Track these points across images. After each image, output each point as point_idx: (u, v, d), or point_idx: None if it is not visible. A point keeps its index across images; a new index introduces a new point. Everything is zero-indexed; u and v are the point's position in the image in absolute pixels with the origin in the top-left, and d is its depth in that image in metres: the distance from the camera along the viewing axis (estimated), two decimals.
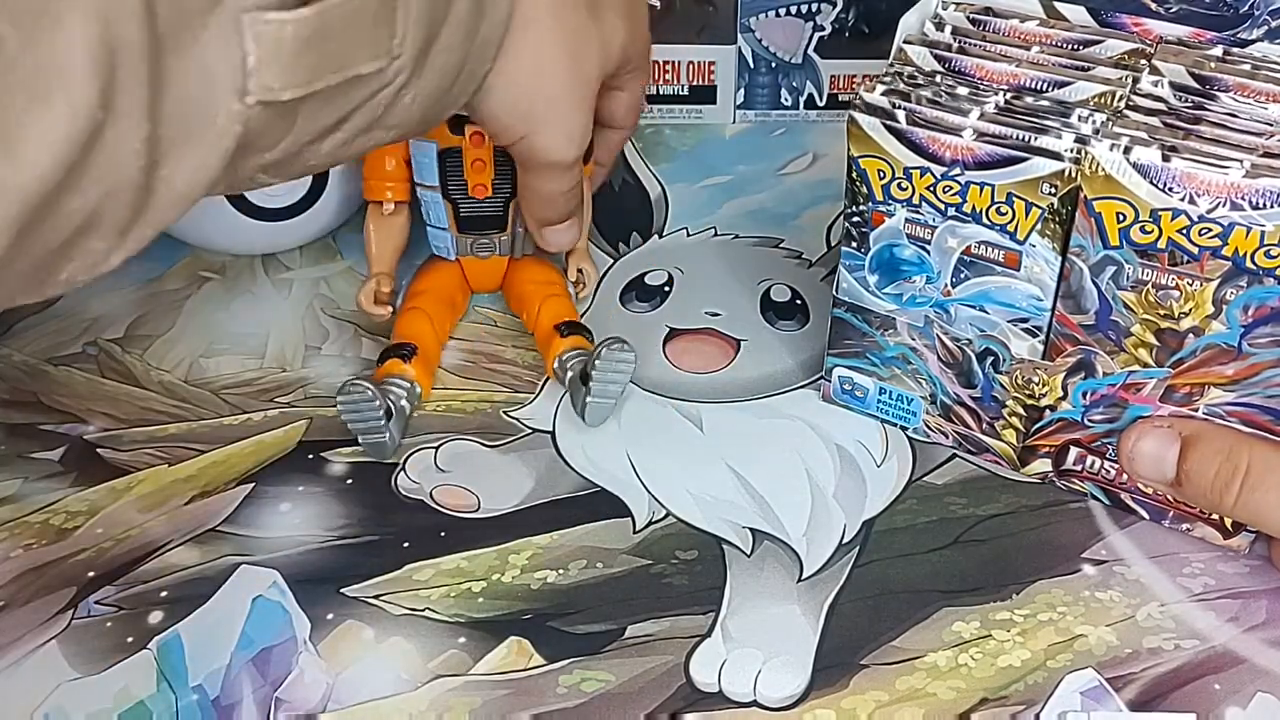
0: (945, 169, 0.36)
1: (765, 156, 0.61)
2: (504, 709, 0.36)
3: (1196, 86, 0.36)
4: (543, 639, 0.38)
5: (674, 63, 0.62)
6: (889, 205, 0.38)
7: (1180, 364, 0.36)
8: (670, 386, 0.47)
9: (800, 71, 0.62)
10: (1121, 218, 0.34)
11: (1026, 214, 0.36)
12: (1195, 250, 0.34)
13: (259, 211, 0.51)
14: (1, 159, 0.23)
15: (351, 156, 0.35)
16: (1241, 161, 0.32)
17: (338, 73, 0.30)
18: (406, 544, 0.41)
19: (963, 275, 0.39)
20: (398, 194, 0.48)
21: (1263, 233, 0.32)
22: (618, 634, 0.38)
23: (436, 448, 0.45)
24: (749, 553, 0.41)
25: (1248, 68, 0.36)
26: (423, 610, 0.39)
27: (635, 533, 0.42)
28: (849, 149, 0.38)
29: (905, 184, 0.38)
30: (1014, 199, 0.36)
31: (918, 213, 0.38)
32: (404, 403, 0.45)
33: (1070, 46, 0.38)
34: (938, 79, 0.38)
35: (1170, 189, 0.33)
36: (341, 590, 0.40)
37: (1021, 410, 0.41)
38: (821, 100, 0.63)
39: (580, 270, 0.50)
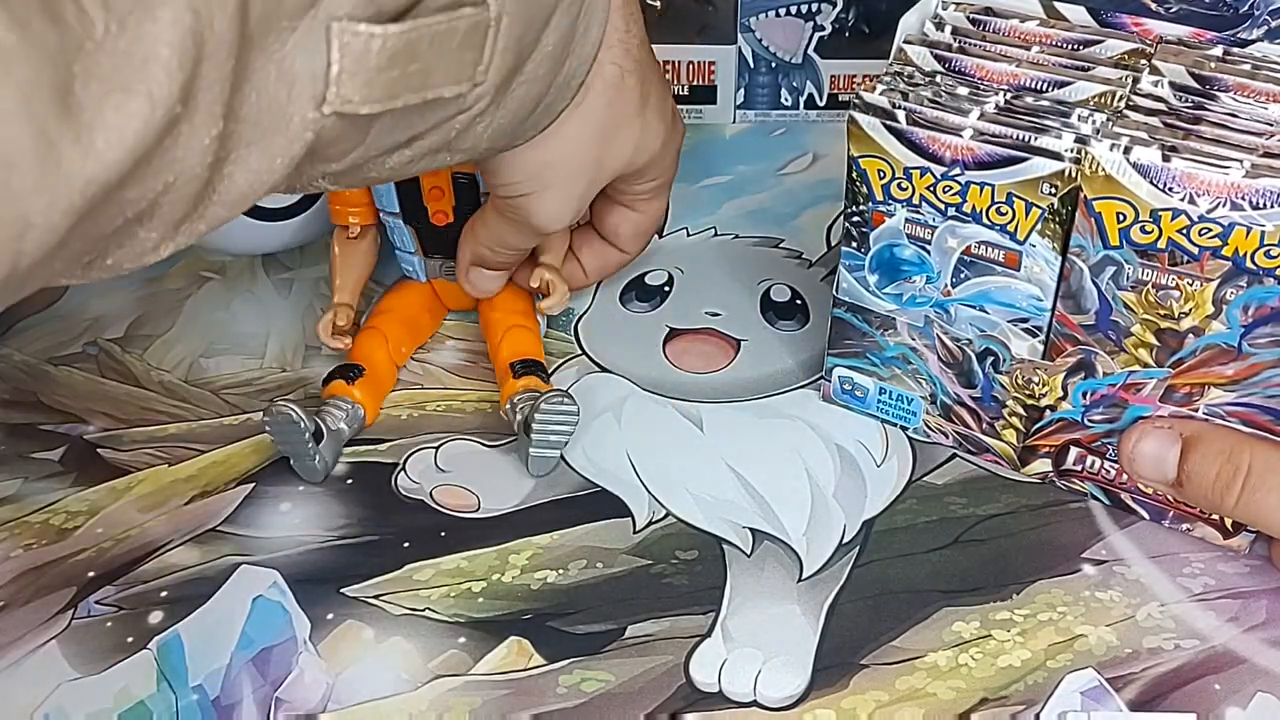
0: (945, 169, 0.37)
1: (765, 156, 0.61)
2: (504, 709, 0.36)
3: (1197, 86, 0.36)
4: (543, 639, 0.38)
5: (674, 63, 0.62)
6: (889, 205, 0.38)
7: (1180, 364, 0.36)
8: (670, 386, 0.47)
9: (800, 71, 0.62)
10: (1122, 218, 0.34)
11: (1026, 214, 0.36)
12: (1195, 250, 0.34)
13: (259, 211, 0.51)
14: (73, 145, 0.22)
15: (414, 173, 0.35)
16: (1241, 161, 0.32)
17: (418, 93, 0.30)
18: (407, 544, 0.41)
19: (963, 275, 0.39)
20: (362, 218, 0.47)
21: (1263, 233, 0.32)
22: (618, 634, 0.38)
23: (436, 448, 0.45)
24: (749, 553, 0.41)
25: (1248, 68, 0.36)
26: (423, 610, 0.39)
27: (635, 533, 0.42)
28: (849, 149, 0.38)
29: (905, 184, 0.38)
30: (1014, 199, 0.36)
31: (918, 213, 0.38)
32: (342, 425, 0.44)
33: (1070, 46, 0.38)
34: (938, 79, 0.38)
35: (1170, 189, 0.33)
36: (342, 590, 0.40)
37: (1021, 410, 0.41)
38: (821, 100, 0.63)
39: (546, 280, 0.47)
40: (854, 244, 0.40)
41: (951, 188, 0.37)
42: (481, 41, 0.30)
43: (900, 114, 0.37)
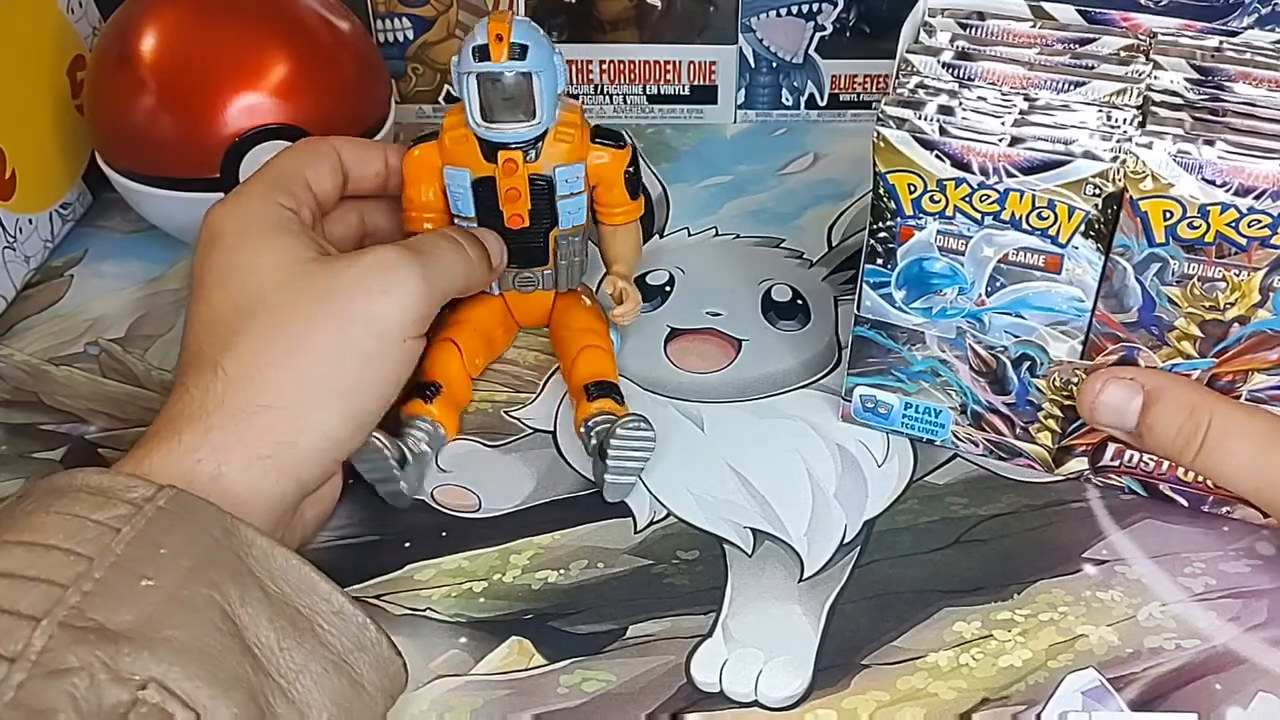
0: (982, 178, 0.36)
1: (766, 156, 0.61)
2: (505, 709, 0.36)
3: (1202, 78, 0.36)
4: (544, 639, 0.38)
5: (675, 62, 0.62)
6: (919, 219, 0.38)
7: (1224, 353, 0.37)
8: (671, 386, 0.47)
9: (801, 71, 0.62)
10: (1169, 215, 0.34)
11: (1070, 217, 0.36)
12: (1244, 241, 0.34)
13: None
14: None
15: None
16: None
17: None
18: (408, 544, 0.41)
19: (999, 283, 0.38)
20: (436, 224, 0.45)
21: None
22: (619, 634, 0.38)
23: (436, 448, 0.45)
24: (750, 553, 0.41)
25: (1247, 56, 0.36)
26: (424, 610, 0.39)
27: (636, 533, 0.42)
28: (875, 165, 0.37)
29: (938, 196, 0.37)
30: (1056, 203, 0.36)
31: (951, 224, 0.37)
32: (425, 447, 0.42)
33: (1067, 45, 0.38)
34: (953, 87, 0.37)
35: (1219, 183, 0.33)
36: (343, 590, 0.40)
37: (1059, 411, 0.41)
38: (822, 100, 0.63)
39: (618, 288, 0.46)
40: (879, 260, 0.39)
41: (989, 196, 0.36)
42: None
43: (931, 125, 0.36)
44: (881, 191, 0.38)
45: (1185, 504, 0.41)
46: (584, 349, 0.46)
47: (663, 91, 0.63)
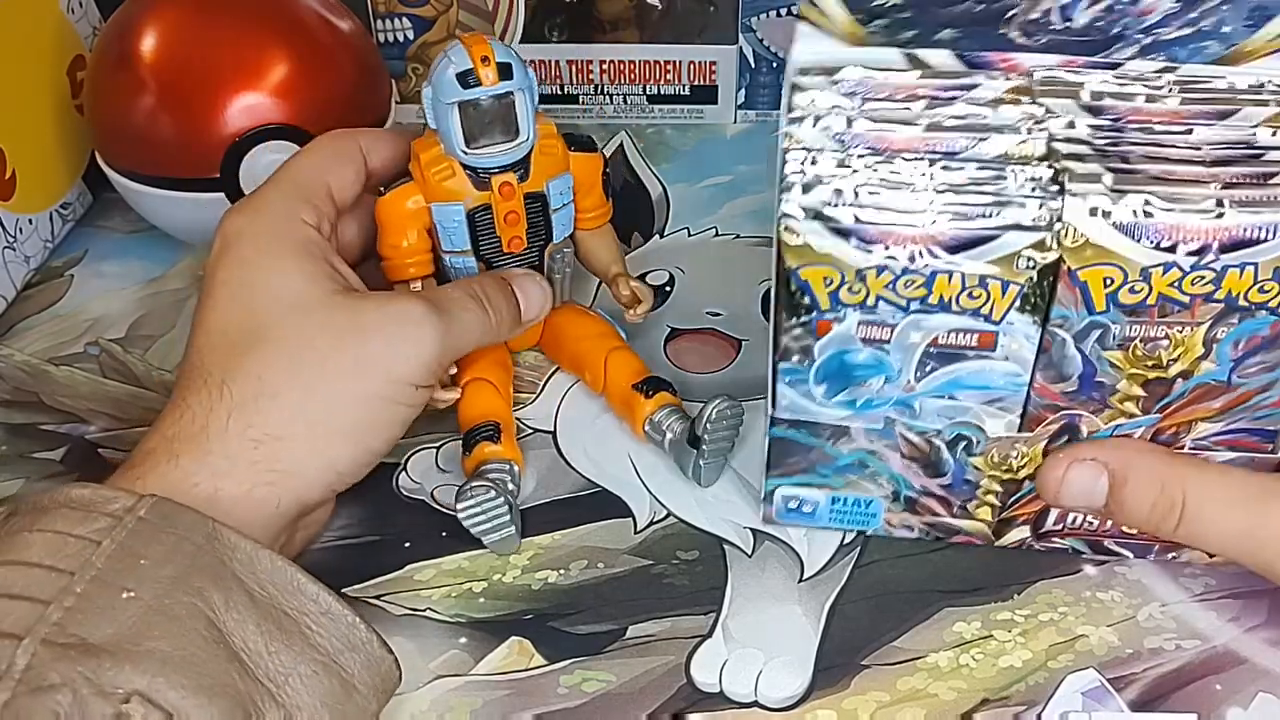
0: (907, 264, 0.33)
1: (766, 156, 0.61)
2: (505, 709, 0.36)
3: (1099, 121, 0.34)
4: (544, 639, 0.38)
5: (675, 62, 0.62)
6: (838, 311, 0.34)
7: (1168, 408, 0.35)
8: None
9: None
10: (1109, 282, 0.32)
11: (1003, 293, 0.33)
12: (1186, 299, 0.32)
13: None
14: None
15: None
16: (1215, 201, 0.31)
17: None
18: (408, 544, 0.41)
19: (929, 367, 0.35)
20: (422, 269, 0.44)
21: (1256, 268, 0.31)
22: (619, 634, 0.38)
23: (438, 448, 0.45)
24: (750, 553, 0.41)
25: (1134, 89, 0.34)
26: (424, 610, 0.39)
27: (636, 533, 0.42)
28: (783, 262, 0.33)
29: (858, 286, 0.33)
30: (988, 281, 0.33)
31: (873, 314, 0.34)
32: (511, 486, 0.41)
33: (954, 93, 0.35)
34: (853, 163, 0.33)
35: (1160, 245, 0.31)
36: (343, 590, 0.40)
37: (998, 487, 0.38)
38: None
39: (632, 289, 0.46)
40: (794, 358, 0.36)
41: (914, 281, 0.33)
42: None
43: (843, 212, 0.32)
44: (793, 288, 0.34)
45: (1131, 555, 0.40)
46: (611, 352, 0.45)
47: (663, 91, 0.63)
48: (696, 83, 0.63)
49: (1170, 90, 0.34)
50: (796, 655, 0.37)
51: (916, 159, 0.33)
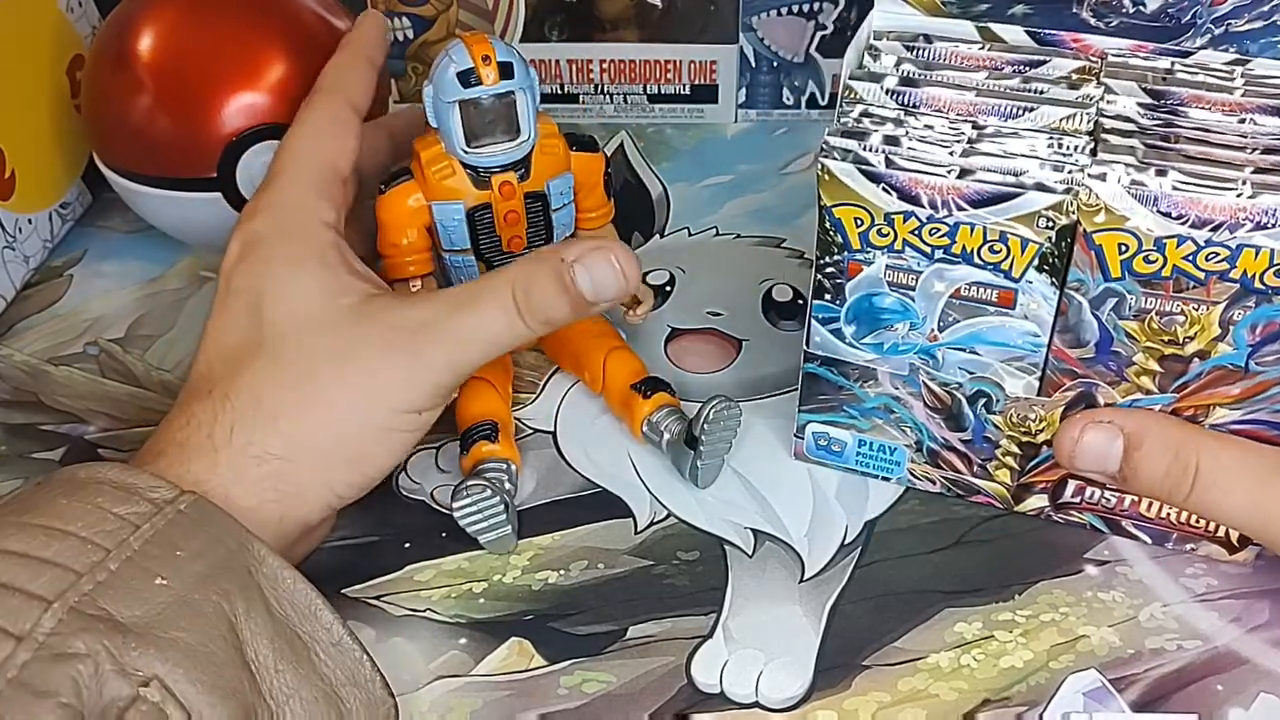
0: (931, 211, 0.35)
1: (767, 156, 0.61)
2: (505, 710, 0.36)
3: (1154, 103, 0.35)
4: (544, 640, 0.38)
5: (675, 62, 0.62)
6: (867, 253, 0.36)
7: (1185, 388, 0.35)
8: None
9: (802, 70, 0.62)
10: (1124, 249, 0.33)
11: (1023, 250, 0.34)
12: (1202, 275, 0.33)
13: None
14: None
15: None
16: (1242, 181, 0.32)
17: None
18: (408, 545, 0.41)
19: (951, 318, 0.37)
20: (421, 268, 0.43)
21: (1272, 252, 0.32)
22: (619, 635, 0.38)
23: (437, 448, 0.45)
24: (750, 553, 0.41)
25: (1199, 78, 0.35)
26: (424, 611, 0.39)
27: (636, 533, 0.42)
28: (820, 199, 0.36)
29: (886, 230, 0.35)
30: (1008, 237, 0.34)
31: (900, 259, 0.36)
32: (508, 486, 0.41)
33: (1016, 69, 0.37)
34: (899, 116, 0.36)
35: (1174, 215, 0.32)
36: (343, 591, 0.40)
37: (1016, 449, 0.39)
38: (823, 99, 0.63)
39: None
40: (827, 296, 0.38)
41: (939, 230, 0.35)
42: None
43: (877, 157, 0.35)
44: (828, 225, 0.36)
45: (1148, 540, 0.40)
46: (610, 351, 0.45)
47: (663, 91, 0.63)
48: (697, 82, 0.63)
49: (1237, 81, 0.35)
50: (797, 656, 0.37)
51: (960, 119, 0.35)
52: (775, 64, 0.62)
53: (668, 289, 0.52)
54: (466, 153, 0.41)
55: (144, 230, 0.56)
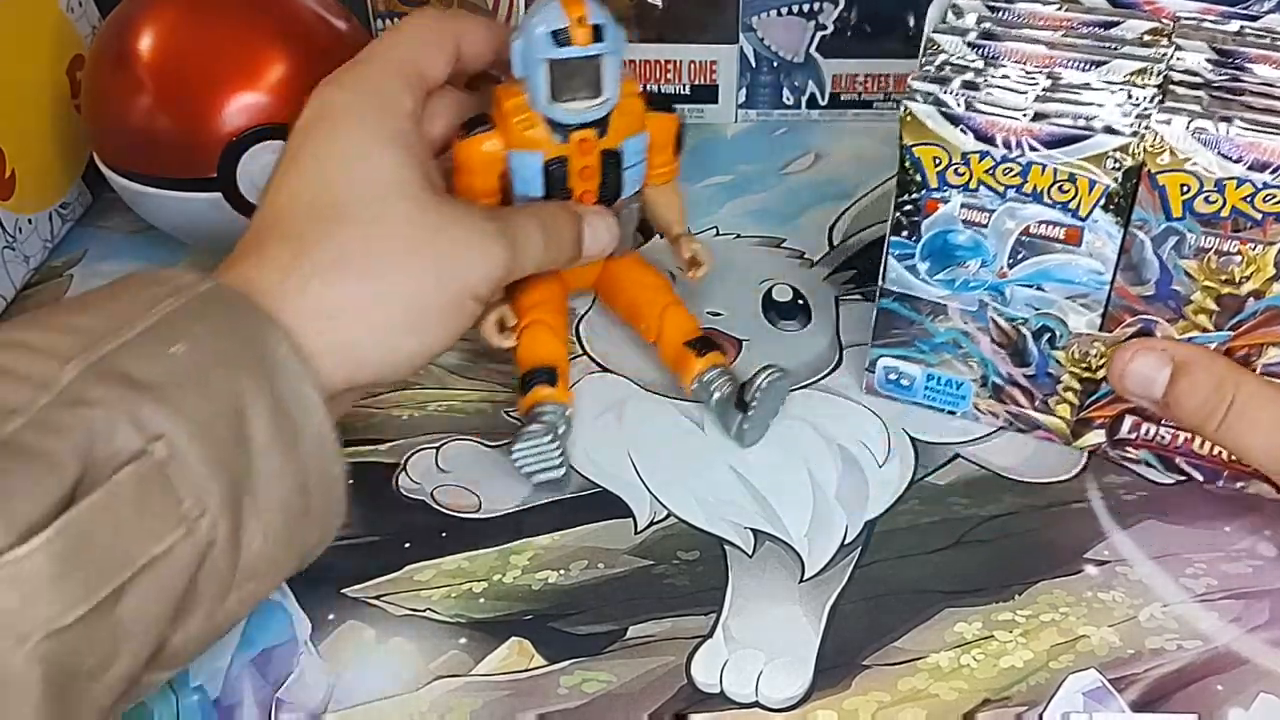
0: (1005, 151, 0.37)
1: (767, 156, 0.61)
2: (505, 710, 0.36)
3: (1222, 60, 0.37)
4: (544, 640, 0.38)
5: (675, 62, 0.62)
6: (944, 192, 0.39)
7: (1240, 326, 0.37)
8: (672, 387, 0.47)
9: (802, 71, 0.62)
10: (1186, 189, 0.36)
11: (1090, 190, 0.37)
12: (1259, 216, 0.35)
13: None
14: None
15: (240, 617, 0.34)
16: None
17: (126, 566, 0.28)
18: (407, 544, 0.41)
19: (1020, 256, 0.39)
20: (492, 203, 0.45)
21: None
22: (619, 635, 0.38)
23: (437, 448, 0.45)
24: (750, 553, 0.41)
25: (1267, 40, 0.37)
26: (424, 611, 0.39)
27: (636, 533, 0.42)
28: (901, 138, 0.39)
29: (963, 169, 0.38)
30: (1076, 177, 0.37)
31: (974, 197, 0.39)
32: (563, 428, 0.43)
33: (1092, 28, 0.39)
34: (979, 65, 0.39)
35: (1235, 158, 0.34)
36: (343, 591, 0.40)
37: (1077, 384, 0.42)
38: (824, 99, 0.63)
39: (694, 251, 0.47)
40: (904, 233, 0.41)
41: (1012, 169, 0.38)
42: (167, 484, 0.29)
43: (957, 100, 0.37)
44: (907, 165, 0.39)
45: (1200, 478, 0.42)
46: (667, 307, 0.47)
47: (663, 91, 0.63)
48: (697, 82, 0.63)
49: None
50: (797, 655, 0.37)
51: (1036, 70, 0.38)
52: (775, 64, 0.62)
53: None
54: (550, 108, 0.41)
55: (144, 230, 0.56)
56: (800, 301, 0.51)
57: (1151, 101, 0.36)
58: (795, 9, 0.60)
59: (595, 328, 0.51)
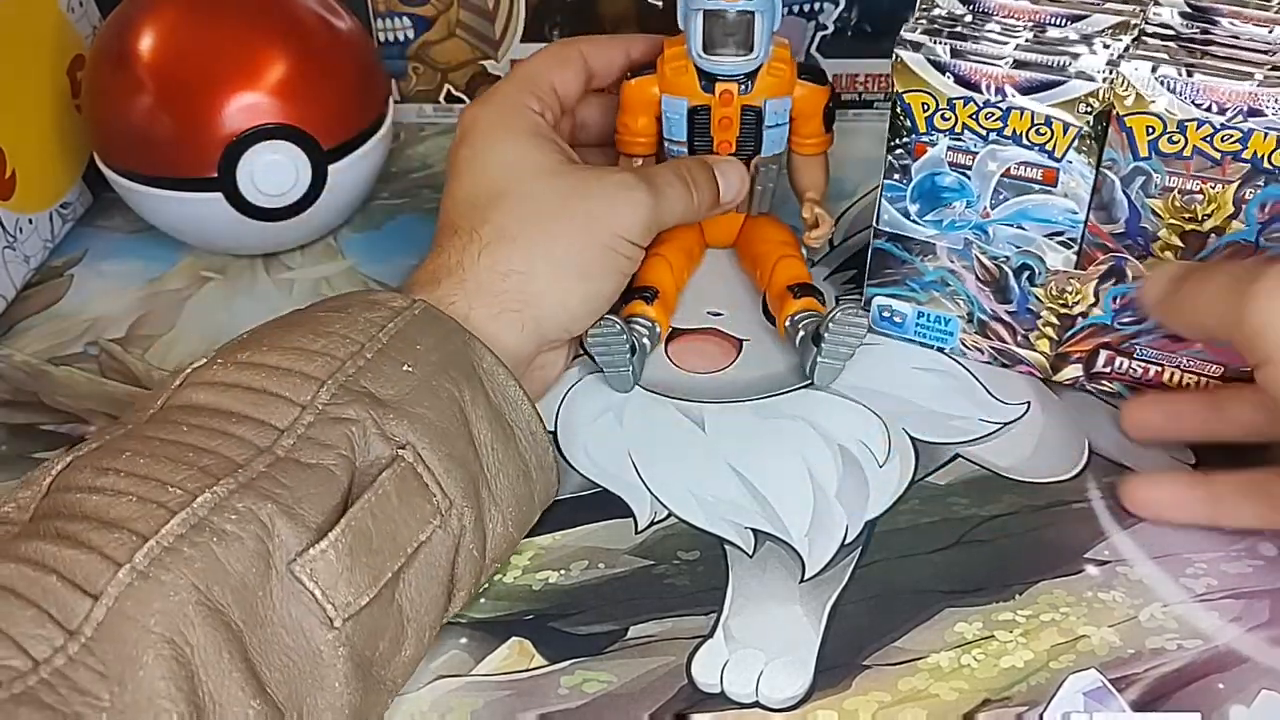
0: (988, 97, 0.41)
1: None
2: (505, 710, 0.36)
3: (1196, 15, 0.40)
4: (544, 639, 0.38)
5: None
6: (931, 136, 0.42)
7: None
8: (672, 386, 0.47)
9: None
10: (1150, 130, 0.39)
11: (1065, 132, 0.40)
12: (1218, 155, 0.38)
13: (259, 211, 0.51)
14: None
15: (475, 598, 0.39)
16: (1254, 74, 0.37)
17: (399, 554, 0.33)
18: None
19: (1002, 196, 0.43)
20: (646, 149, 0.50)
21: (1279, 135, 0.37)
22: (619, 634, 0.38)
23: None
24: (751, 553, 0.41)
25: None
26: None
27: (637, 533, 0.42)
28: (893, 85, 0.42)
29: (948, 114, 0.42)
30: (1052, 120, 0.40)
31: (959, 140, 0.42)
32: (645, 340, 0.46)
33: None
34: (968, 18, 0.42)
35: (1194, 101, 0.38)
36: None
37: (1055, 320, 0.45)
38: None
39: (815, 214, 0.49)
40: (896, 176, 0.44)
41: (994, 114, 0.41)
42: (418, 482, 0.34)
43: (943, 49, 0.41)
44: (899, 111, 0.43)
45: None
46: (781, 258, 0.49)
47: None
48: None
49: (1273, 2, 0.41)
50: (797, 655, 0.37)
51: (1020, 23, 0.42)
52: None
53: None
54: (701, 58, 0.46)
55: (144, 230, 0.56)
56: None
57: (1123, 50, 0.39)
58: (795, 9, 0.60)
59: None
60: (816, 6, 0.60)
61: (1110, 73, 0.39)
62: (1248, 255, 0.39)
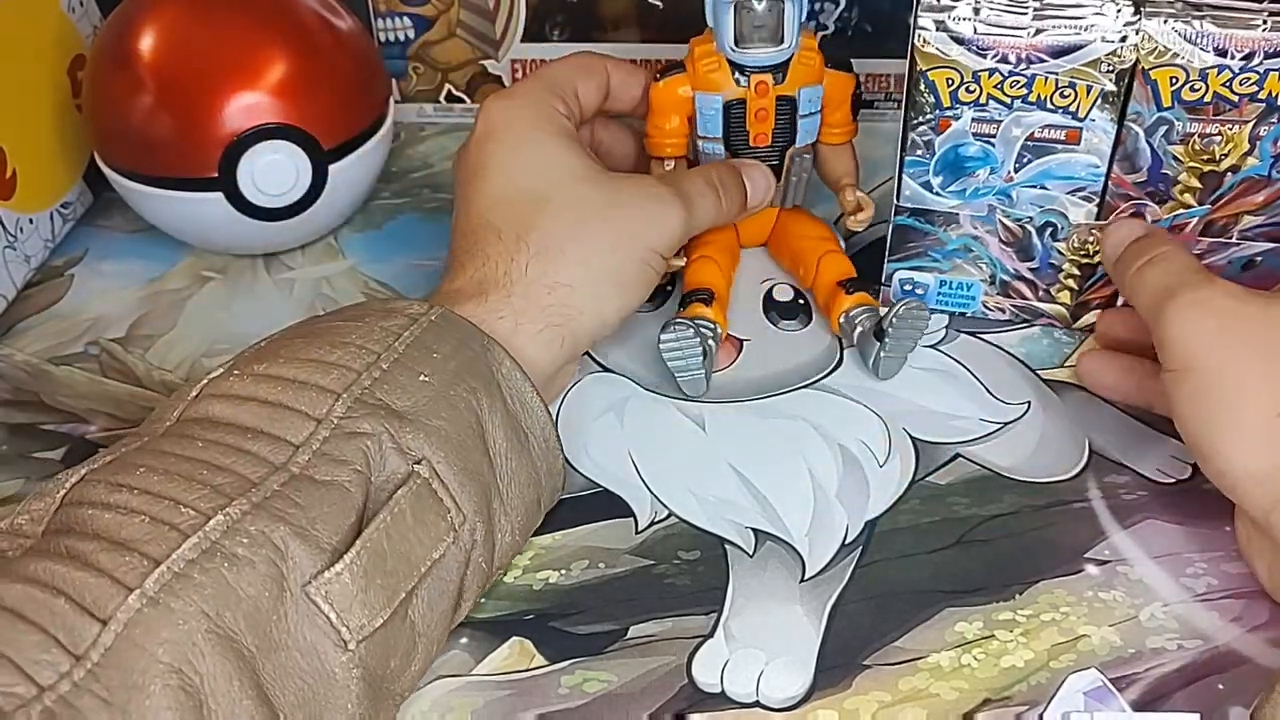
0: (1012, 66, 0.42)
1: None
2: (506, 709, 0.36)
3: None
4: (545, 639, 0.38)
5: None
6: (956, 110, 0.43)
7: (1219, 200, 0.43)
8: (673, 386, 0.47)
9: None
10: (1174, 81, 0.41)
11: (1088, 93, 0.42)
12: (1236, 98, 0.41)
13: (259, 211, 0.51)
14: None
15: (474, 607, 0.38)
16: (1265, 19, 0.39)
17: (410, 576, 0.33)
18: None
19: (1025, 160, 0.44)
20: (677, 150, 0.49)
21: None
22: (620, 634, 0.38)
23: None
24: (751, 553, 0.41)
25: None
26: None
27: (637, 533, 0.42)
28: (915, 65, 0.43)
29: (973, 87, 0.43)
30: (1076, 83, 0.42)
31: (984, 111, 0.43)
32: (710, 343, 0.46)
33: None
34: None
35: (1215, 49, 0.40)
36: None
37: (1076, 271, 0.47)
38: None
39: (856, 199, 0.50)
40: (918, 152, 0.45)
41: (1019, 82, 0.42)
42: (433, 499, 0.34)
43: (966, 25, 0.42)
44: (922, 88, 0.43)
45: None
46: (826, 253, 0.50)
47: None
48: None
49: None
50: (798, 655, 0.37)
51: None
52: None
53: (668, 289, 0.52)
54: (733, 51, 0.46)
55: (144, 230, 0.56)
56: (801, 301, 0.51)
57: (1134, 13, 0.41)
58: None
59: None
60: (817, 6, 0.60)
61: (1130, 31, 0.41)
62: (1260, 189, 0.43)
